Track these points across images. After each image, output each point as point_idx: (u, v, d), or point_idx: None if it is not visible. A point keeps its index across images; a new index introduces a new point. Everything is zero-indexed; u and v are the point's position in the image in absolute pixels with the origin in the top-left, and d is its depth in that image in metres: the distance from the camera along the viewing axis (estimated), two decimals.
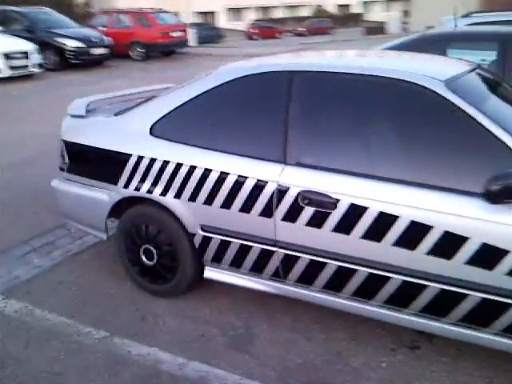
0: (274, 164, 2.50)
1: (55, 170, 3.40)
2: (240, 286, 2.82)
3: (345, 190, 2.33)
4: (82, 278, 3.37)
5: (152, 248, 2.98)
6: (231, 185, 2.58)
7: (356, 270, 2.38)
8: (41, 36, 13.65)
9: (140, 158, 2.84)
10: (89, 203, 3.14)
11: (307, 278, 2.55)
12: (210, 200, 2.67)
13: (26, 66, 12.20)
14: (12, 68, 11.85)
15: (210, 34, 29.23)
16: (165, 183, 2.78)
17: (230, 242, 2.69)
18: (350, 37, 31.14)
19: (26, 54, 12.12)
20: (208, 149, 2.69)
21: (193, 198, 2.72)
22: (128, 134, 2.95)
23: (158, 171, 2.79)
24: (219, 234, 2.71)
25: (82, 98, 3.38)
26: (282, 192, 2.46)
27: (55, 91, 10.85)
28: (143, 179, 2.85)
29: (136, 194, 2.90)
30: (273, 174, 2.49)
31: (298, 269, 2.55)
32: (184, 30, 18.37)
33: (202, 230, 2.76)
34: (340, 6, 54.92)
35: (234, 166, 2.59)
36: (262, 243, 2.59)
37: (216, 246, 2.75)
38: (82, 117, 3.19)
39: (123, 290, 3.20)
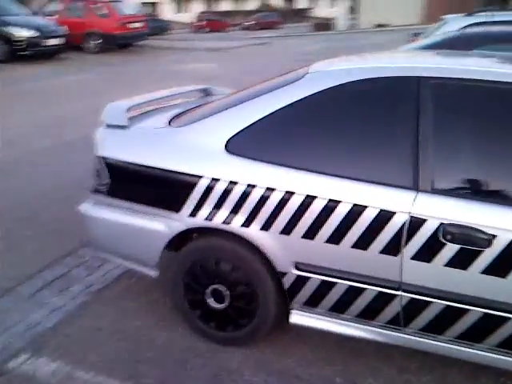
0: (403, 191, 2.04)
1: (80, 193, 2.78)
2: (338, 333, 2.35)
3: (503, 223, 1.91)
4: (120, 323, 2.77)
5: (223, 288, 2.45)
6: (343, 216, 2.10)
7: (510, 319, 1.97)
8: None
9: (214, 181, 2.29)
10: (138, 234, 2.55)
11: (438, 326, 2.12)
12: (311, 233, 2.17)
13: None
14: None
15: (156, 25, 27.79)
16: (248, 212, 2.26)
17: (335, 283, 2.21)
18: (301, 32, 31.07)
19: None
20: (308, 170, 2.18)
21: (287, 230, 2.21)
22: (196, 151, 2.38)
23: (240, 197, 2.26)
24: (320, 274, 2.22)
25: (116, 103, 2.78)
26: (415, 225, 2.00)
27: (10, 87, 9.81)
28: (218, 206, 2.31)
29: (207, 224, 2.35)
30: (402, 203, 2.03)
31: (426, 316, 2.10)
32: (144, 21, 17.39)
33: (297, 268, 2.26)
34: (286, 0, 54.83)
35: (347, 192, 2.11)
36: (380, 285, 2.13)
37: (314, 288, 2.26)
38: (124, 127, 2.59)
39: (176, 338, 2.63)
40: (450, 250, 1.97)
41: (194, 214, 2.36)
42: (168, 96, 3.15)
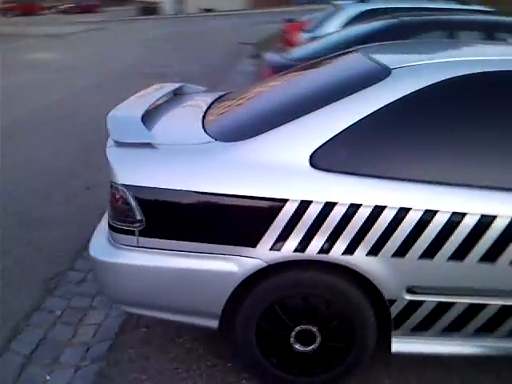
0: None
1: None
2: (449, 354, 2.12)
3: None
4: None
5: (312, 328, 2.06)
6: (470, 228, 1.85)
7: None
8: None
9: (304, 204, 1.87)
10: (196, 280, 2.01)
11: None
12: (431, 252, 1.89)
13: None
14: None
15: None
16: (352, 236, 1.89)
17: (454, 302, 1.97)
18: (130, 16, 29.53)
19: None
20: (421, 182, 1.89)
21: (401, 252, 1.89)
22: (273, 170, 1.92)
23: (341, 220, 1.88)
24: (438, 295, 1.97)
25: (122, 114, 2.19)
26: None
27: None
28: (310, 234, 1.89)
29: (297, 256, 1.93)
30: None
31: None
32: None
33: (410, 292, 1.96)
34: None
35: (474, 203, 1.86)
36: (507, 297, 1.95)
37: (428, 311, 1.99)
38: (149, 145, 2.01)
39: None
40: None
41: (277, 246, 1.92)
42: (159, 98, 2.60)
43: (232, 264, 1.96)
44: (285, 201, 1.88)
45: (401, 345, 2.10)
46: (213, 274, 1.99)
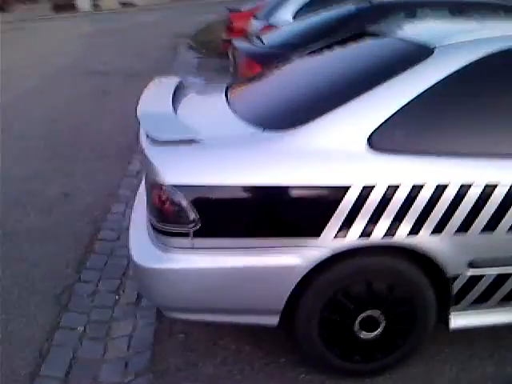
0: None
1: None
2: (501, 323, 2.16)
3: None
4: None
5: (376, 314, 2.03)
6: None
7: None
8: None
9: (367, 189, 1.83)
10: (258, 277, 1.93)
11: None
12: (492, 224, 1.91)
13: None
14: None
15: None
16: (416, 217, 1.87)
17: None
18: (43, 14, 27.86)
19: None
20: (479, 156, 1.90)
21: (464, 227, 1.90)
22: (331, 156, 1.86)
23: (404, 201, 1.85)
24: (498, 266, 2.00)
25: (148, 110, 2.05)
26: None
27: None
28: (374, 218, 1.86)
29: (362, 243, 1.89)
30: None
31: None
32: None
33: (472, 266, 1.98)
34: None
35: None
36: None
37: (488, 283, 2.02)
38: (191, 141, 1.90)
39: None
40: None
41: (342, 234, 1.87)
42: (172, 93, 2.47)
43: (295, 257, 1.89)
44: (347, 187, 1.83)
45: (459, 320, 2.12)
46: (275, 269, 1.91)
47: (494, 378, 2.17)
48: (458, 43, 2.04)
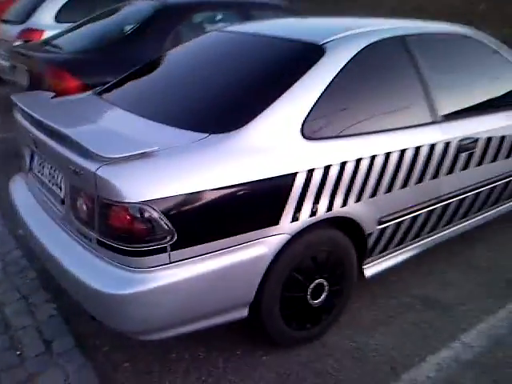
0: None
1: None
2: (400, 261, 2.72)
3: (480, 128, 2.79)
4: None
5: (322, 281, 2.34)
6: (409, 161, 2.46)
7: None
8: None
9: (310, 173, 2.12)
10: (232, 273, 2.02)
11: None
12: (390, 186, 2.42)
13: None
14: None
15: None
16: (345, 189, 2.25)
17: (403, 220, 2.57)
18: None
19: None
20: (371, 133, 2.37)
21: (374, 192, 2.36)
22: (274, 150, 2.07)
23: (337, 179, 2.21)
24: (395, 219, 2.52)
25: (77, 130, 1.94)
26: (445, 149, 2.60)
27: None
28: (317, 198, 2.16)
29: (313, 220, 2.17)
30: (432, 135, 2.58)
31: (450, 212, 2.82)
32: None
33: (380, 223, 2.45)
34: None
35: (409, 140, 2.47)
36: (428, 206, 2.65)
37: (389, 233, 2.54)
38: (146, 154, 1.88)
39: None
40: (462, 158, 2.71)
41: (296, 217, 2.12)
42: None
43: (262, 247, 2.06)
44: (294, 174, 2.08)
45: (371, 269, 2.61)
46: (247, 262, 2.04)
47: None
48: (341, 38, 2.46)
